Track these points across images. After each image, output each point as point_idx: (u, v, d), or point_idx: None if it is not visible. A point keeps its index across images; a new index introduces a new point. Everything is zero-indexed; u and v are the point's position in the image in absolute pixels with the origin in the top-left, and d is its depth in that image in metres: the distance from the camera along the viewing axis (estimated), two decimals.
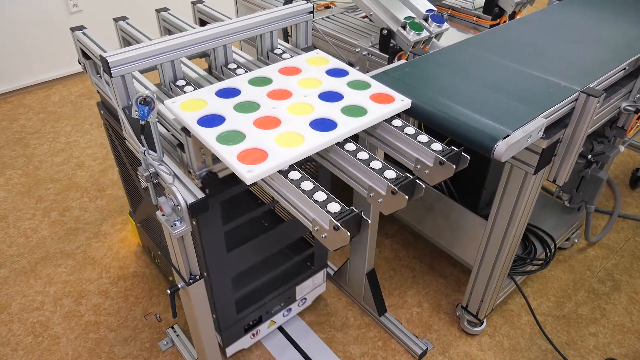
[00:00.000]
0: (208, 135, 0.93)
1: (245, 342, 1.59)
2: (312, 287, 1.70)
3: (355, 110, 1.01)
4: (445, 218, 1.71)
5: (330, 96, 1.06)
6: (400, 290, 1.86)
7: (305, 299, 1.71)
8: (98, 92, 1.46)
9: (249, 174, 0.83)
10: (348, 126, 0.96)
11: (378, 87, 1.10)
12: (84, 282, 1.88)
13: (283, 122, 0.97)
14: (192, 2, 1.51)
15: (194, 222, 1.15)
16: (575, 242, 2.06)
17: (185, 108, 1.01)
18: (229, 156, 0.87)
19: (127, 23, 1.42)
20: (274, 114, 1.00)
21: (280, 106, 1.02)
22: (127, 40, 1.40)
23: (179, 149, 1.06)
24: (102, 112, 1.51)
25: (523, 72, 1.25)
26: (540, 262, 1.75)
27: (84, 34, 1.29)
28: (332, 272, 1.88)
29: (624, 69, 1.33)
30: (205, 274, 1.30)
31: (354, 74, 1.16)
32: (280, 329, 1.72)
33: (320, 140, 0.92)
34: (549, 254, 1.76)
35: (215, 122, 0.97)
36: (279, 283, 1.55)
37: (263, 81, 1.12)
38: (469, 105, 1.10)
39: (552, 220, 1.90)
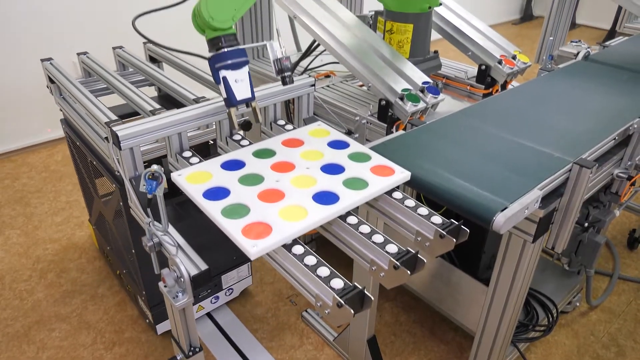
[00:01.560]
0: (213, 209, 0.95)
1: None
2: (237, 279, 1.95)
3: (356, 183, 1.04)
4: (446, 283, 1.70)
5: (332, 168, 1.10)
6: (402, 357, 1.82)
7: (232, 289, 1.94)
8: (61, 111, 1.84)
9: (253, 248, 0.85)
10: (350, 199, 0.99)
11: (378, 160, 1.13)
12: (78, 347, 1.84)
13: (287, 195, 1.00)
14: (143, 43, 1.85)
15: (121, 204, 1.31)
16: (577, 306, 2.04)
17: (191, 180, 1.03)
18: (234, 231, 0.89)
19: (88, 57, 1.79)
20: (277, 187, 1.03)
21: (284, 179, 1.05)
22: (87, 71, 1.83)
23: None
24: (64, 127, 1.86)
25: (517, 143, 1.30)
26: (543, 327, 1.73)
27: (51, 64, 1.79)
28: (332, 338, 1.84)
29: (614, 138, 1.38)
30: (133, 251, 1.55)
31: (355, 146, 1.20)
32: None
33: (323, 214, 0.94)
34: (551, 320, 1.74)
35: (220, 195, 0.99)
36: None
37: (267, 153, 1.15)
38: (467, 176, 1.13)
39: (552, 283, 1.90)
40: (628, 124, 1.40)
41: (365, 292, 0.82)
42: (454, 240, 0.94)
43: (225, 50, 1.10)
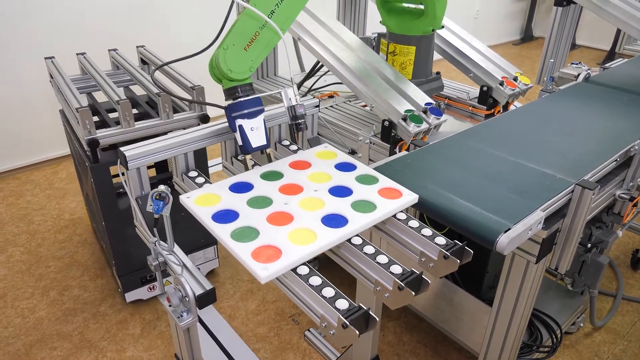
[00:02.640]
0: (222, 232, 0.95)
1: (143, 293, 2.07)
2: (204, 260, 2.16)
3: (364, 206, 1.05)
4: (449, 303, 1.70)
5: (340, 191, 1.10)
6: None
7: (198, 268, 2.08)
8: (60, 103, 2.09)
9: (264, 272, 0.84)
10: (358, 222, 0.99)
11: (385, 182, 1.14)
12: None
13: (295, 218, 1.00)
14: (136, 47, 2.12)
15: (92, 180, 1.54)
16: (581, 326, 2.02)
17: (200, 203, 1.04)
18: (244, 254, 0.89)
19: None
20: (286, 210, 1.03)
21: (292, 201, 1.06)
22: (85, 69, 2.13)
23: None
24: (62, 117, 2.16)
25: (519, 164, 1.31)
26: (547, 348, 1.72)
27: (52, 62, 2.17)
28: (334, 358, 1.83)
29: (616, 160, 1.39)
30: (103, 223, 1.80)
31: (362, 168, 1.20)
32: None
33: (332, 237, 0.95)
34: (555, 340, 1.73)
35: (229, 218, 0.99)
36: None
37: (275, 175, 1.16)
38: (470, 198, 1.14)
39: (556, 304, 1.89)
40: (629, 145, 1.42)
41: (370, 312, 0.82)
42: (458, 261, 0.94)
43: (242, 99, 1.13)
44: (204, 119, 1.91)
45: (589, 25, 6.22)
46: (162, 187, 0.95)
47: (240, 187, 1.11)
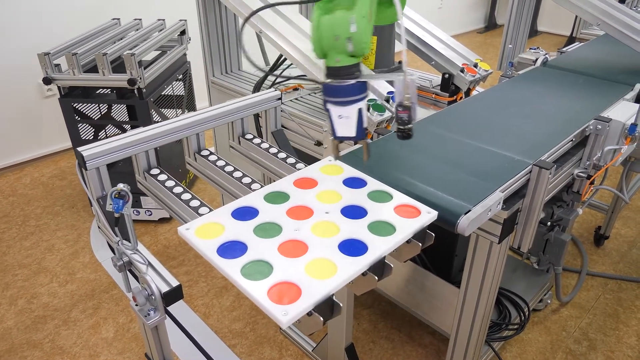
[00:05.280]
0: (232, 269, 0.84)
1: None
2: (156, 205, 2.28)
3: (382, 228, 0.96)
4: (420, 288, 1.73)
5: (353, 211, 1.01)
6: None
7: (151, 212, 2.55)
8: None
9: (285, 317, 0.75)
10: (379, 249, 0.90)
11: (400, 198, 1.06)
12: None
13: (310, 246, 0.90)
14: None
15: None
16: (548, 303, 2.09)
17: (201, 235, 0.92)
18: (259, 295, 0.79)
19: None
20: (298, 237, 0.92)
21: (304, 227, 0.95)
22: None
23: None
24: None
25: (480, 148, 1.34)
26: (515, 326, 1.77)
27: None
28: (310, 348, 1.84)
29: (572, 140, 1.44)
30: None
31: (373, 183, 1.11)
32: None
33: (354, 268, 0.85)
34: (523, 318, 1.79)
35: (237, 251, 0.88)
36: None
37: (280, 197, 1.05)
38: (432, 182, 1.16)
39: (523, 283, 1.95)
40: (584, 125, 1.47)
41: (334, 299, 0.83)
42: (420, 244, 0.96)
43: (332, 84, 0.99)
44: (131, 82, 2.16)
45: (550, 12, 6.37)
46: (121, 186, 0.94)
47: (244, 213, 0.99)
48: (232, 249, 0.89)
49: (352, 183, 1.11)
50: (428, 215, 1.00)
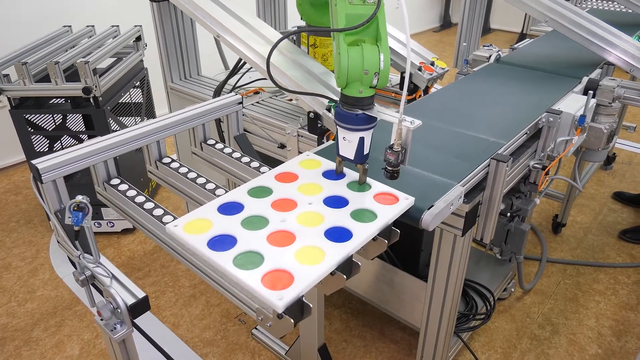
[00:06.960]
0: (224, 261, 0.85)
1: None
2: (117, 216, 2.36)
3: (364, 215, 1.00)
4: (389, 284, 1.75)
5: (335, 201, 1.05)
6: None
7: (113, 223, 2.54)
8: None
9: (280, 301, 0.77)
10: (363, 234, 0.94)
11: (379, 187, 1.10)
12: None
13: (297, 235, 0.93)
14: None
15: None
16: (512, 292, 2.16)
17: (190, 231, 0.93)
18: (254, 283, 0.81)
19: None
20: (285, 228, 0.96)
21: (289, 218, 0.98)
22: None
23: None
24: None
25: (437, 147, 1.38)
26: (482, 316, 1.82)
27: None
28: (283, 352, 1.84)
29: (526, 133, 1.49)
30: None
31: (351, 174, 1.15)
32: None
33: (341, 253, 0.89)
34: (489, 307, 1.84)
35: (227, 244, 0.90)
36: None
37: (263, 191, 1.07)
38: (397, 183, 1.18)
39: (487, 273, 2.00)
40: (537, 118, 1.52)
41: (304, 300, 0.84)
42: (386, 241, 0.98)
43: (342, 111, 1.03)
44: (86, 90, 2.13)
45: (501, 10, 6.59)
46: (79, 198, 0.91)
47: (230, 208, 1.00)
48: (222, 242, 0.90)
49: (331, 175, 1.15)
50: (406, 202, 1.05)
